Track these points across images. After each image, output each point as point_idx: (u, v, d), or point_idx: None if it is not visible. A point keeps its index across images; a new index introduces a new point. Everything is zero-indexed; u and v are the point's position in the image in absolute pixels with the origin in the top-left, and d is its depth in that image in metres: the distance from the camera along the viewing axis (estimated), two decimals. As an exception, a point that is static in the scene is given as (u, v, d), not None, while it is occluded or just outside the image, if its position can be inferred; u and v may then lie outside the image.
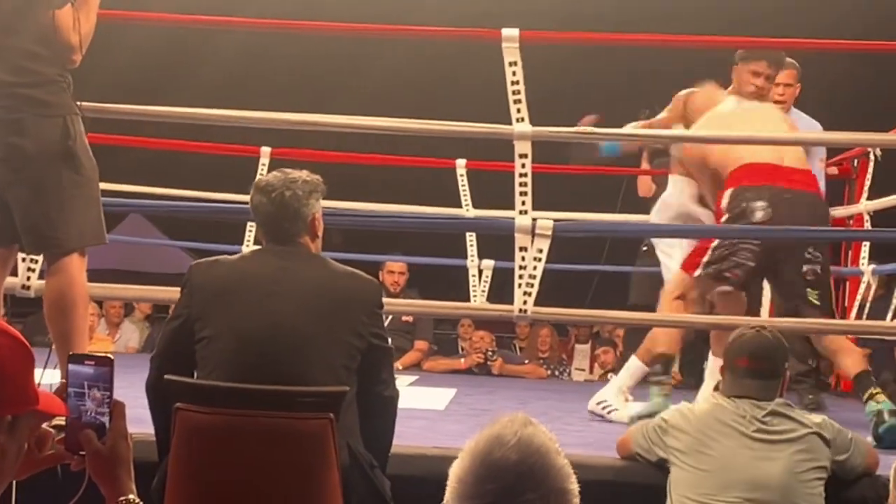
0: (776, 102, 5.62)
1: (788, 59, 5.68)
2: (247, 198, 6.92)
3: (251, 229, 6.63)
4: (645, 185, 7.05)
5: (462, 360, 7.59)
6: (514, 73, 4.30)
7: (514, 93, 4.26)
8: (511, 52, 4.30)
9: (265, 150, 6.85)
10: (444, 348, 7.88)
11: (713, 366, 4.81)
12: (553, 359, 8.16)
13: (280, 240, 3.14)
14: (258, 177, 6.79)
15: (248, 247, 6.55)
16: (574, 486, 1.55)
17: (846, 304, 6.85)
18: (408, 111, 4.68)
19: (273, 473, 2.81)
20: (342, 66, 8.28)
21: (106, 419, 1.75)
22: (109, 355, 1.79)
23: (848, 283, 6.74)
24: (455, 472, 1.55)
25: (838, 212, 6.85)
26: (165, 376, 2.87)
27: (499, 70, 4.32)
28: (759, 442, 3.28)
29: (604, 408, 4.86)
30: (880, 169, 6.13)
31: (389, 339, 3.28)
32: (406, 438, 3.47)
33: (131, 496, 1.94)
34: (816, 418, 3.42)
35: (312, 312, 3.00)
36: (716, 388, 3.63)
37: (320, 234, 3.20)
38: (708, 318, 4.74)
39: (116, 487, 1.94)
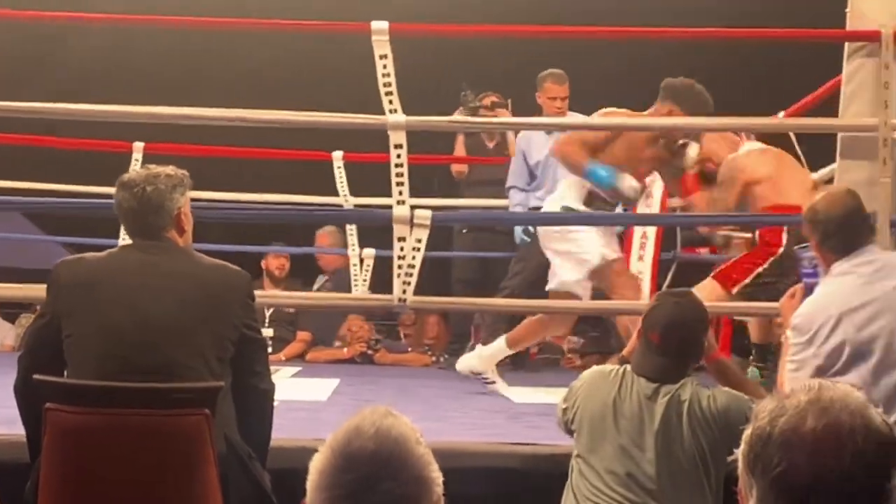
0: (558, 115, 6.16)
1: (564, 73, 6.14)
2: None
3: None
4: (458, 167, 7.23)
5: (345, 349, 7.59)
6: (384, 66, 4.31)
7: (385, 85, 4.28)
8: (381, 45, 4.32)
9: (138, 146, 6.77)
10: (328, 338, 7.86)
11: None
12: (439, 346, 8.20)
13: (145, 235, 3.11)
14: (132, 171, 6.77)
15: (123, 241, 6.48)
16: (436, 475, 1.56)
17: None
18: (284, 103, 4.65)
19: (149, 472, 2.79)
20: (216, 60, 8.19)
21: None
22: None
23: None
24: (315, 464, 1.56)
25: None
26: (35, 376, 2.83)
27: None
28: (639, 427, 3.18)
29: (484, 380, 5.04)
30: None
31: (264, 332, 3.28)
32: (287, 431, 3.47)
33: None
34: (720, 396, 3.22)
35: (181, 305, 2.99)
36: (622, 359, 3.53)
37: (188, 228, 3.17)
38: (602, 304, 4.88)
39: None
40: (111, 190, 6.67)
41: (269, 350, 4.13)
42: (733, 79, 7.97)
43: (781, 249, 4.75)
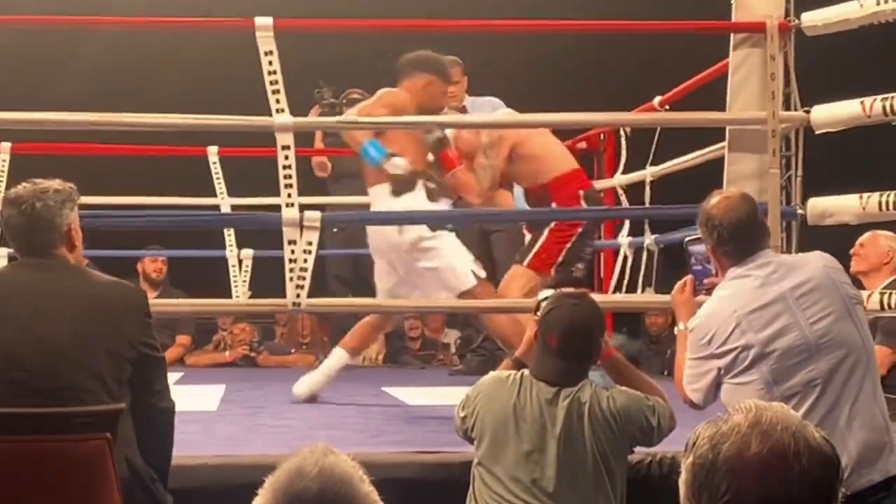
0: (449, 99, 5.87)
1: (452, 58, 6.00)
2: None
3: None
4: (320, 165, 7.15)
5: (227, 353, 7.44)
6: (270, 63, 4.19)
7: (272, 83, 4.16)
8: (266, 42, 4.19)
9: (4, 146, 6.52)
10: (205, 340, 7.70)
11: None
12: (315, 344, 8.10)
13: (35, 253, 2.96)
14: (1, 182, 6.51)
15: (6, 254, 6.22)
16: None
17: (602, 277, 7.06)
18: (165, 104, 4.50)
19: (50, 500, 2.65)
20: (89, 59, 7.95)
21: None
22: None
23: (603, 256, 6.93)
24: None
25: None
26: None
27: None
28: (541, 431, 3.15)
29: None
30: (629, 144, 6.32)
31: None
32: (183, 445, 3.32)
33: None
34: (619, 396, 3.21)
35: (76, 325, 2.85)
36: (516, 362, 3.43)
37: (78, 244, 3.03)
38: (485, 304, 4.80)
39: None
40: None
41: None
42: (604, 69, 8.05)
43: (581, 229, 4.94)
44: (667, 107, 5.55)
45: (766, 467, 1.36)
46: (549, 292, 3.49)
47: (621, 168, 6.36)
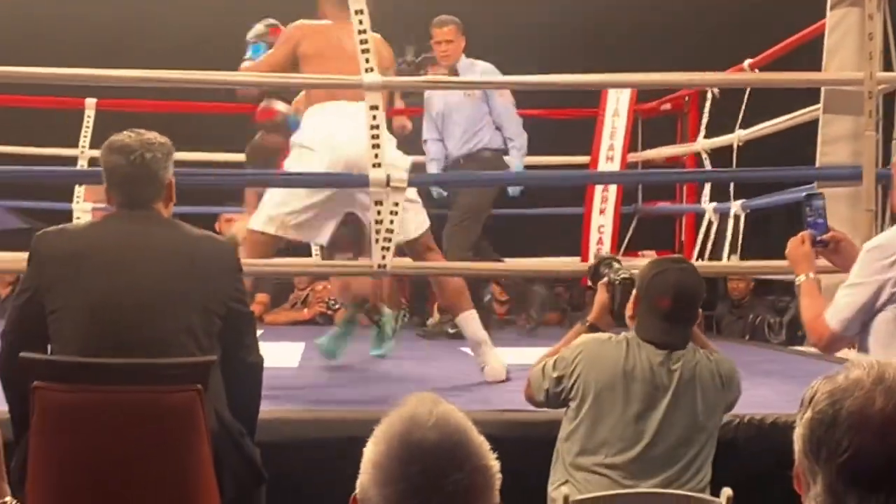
0: (442, 59, 6.15)
1: (448, 17, 6.13)
2: (72, 152, 6.67)
3: (80, 187, 6.37)
4: (400, 123, 7.11)
5: (305, 310, 7.47)
6: (360, 22, 4.15)
7: (361, 42, 4.13)
8: (356, 1, 4.16)
9: (90, 102, 6.58)
10: (282, 299, 7.73)
11: None
12: (392, 305, 8.11)
13: (135, 204, 2.95)
14: (84, 129, 6.57)
15: (78, 204, 6.30)
16: (495, 463, 1.49)
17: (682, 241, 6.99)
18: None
19: (142, 450, 2.67)
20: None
21: None
22: None
23: (685, 221, 6.86)
24: (371, 458, 1.46)
25: (672, 149, 6.98)
26: (21, 354, 2.69)
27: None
28: (653, 393, 3.13)
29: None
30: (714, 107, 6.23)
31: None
32: (269, 401, 3.35)
33: (7, 499, 1.81)
34: (721, 360, 3.24)
35: (169, 278, 2.85)
36: (591, 327, 3.41)
37: (174, 198, 3.04)
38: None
39: None
40: (60, 151, 6.56)
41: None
42: (690, 30, 7.93)
43: None
44: (756, 70, 5.45)
45: (889, 424, 1.32)
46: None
47: (703, 132, 6.27)
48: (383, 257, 4.14)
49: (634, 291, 3.26)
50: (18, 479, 2.75)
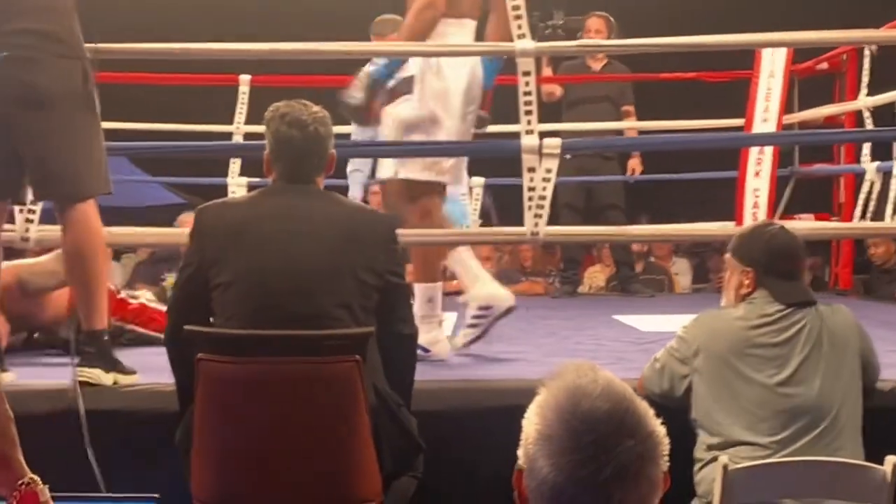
0: None
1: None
2: (227, 128, 6.78)
3: (234, 162, 6.49)
4: (549, 90, 7.00)
5: (454, 281, 7.48)
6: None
7: (514, 8, 4.11)
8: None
9: (244, 79, 6.69)
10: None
11: None
12: (540, 272, 8.10)
13: (296, 177, 2.99)
14: (239, 105, 6.69)
15: (234, 179, 6.41)
16: (661, 429, 1.47)
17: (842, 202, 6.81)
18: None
19: (303, 420, 2.71)
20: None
21: None
22: None
23: (843, 181, 6.67)
24: (539, 430, 1.45)
25: (830, 109, 6.79)
26: (186, 327, 2.75)
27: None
28: (790, 351, 3.09)
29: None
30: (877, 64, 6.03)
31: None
32: (421, 372, 3.36)
33: (27, 477, 1.83)
34: (843, 309, 3.23)
35: (328, 251, 2.87)
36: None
37: (332, 170, 3.08)
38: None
39: (13, 470, 1.83)
40: (213, 128, 6.66)
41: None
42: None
43: None
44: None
45: None
46: None
47: (864, 89, 6.08)
48: (536, 224, 4.12)
49: (733, 265, 3.25)
50: (185, 450, 2.83)
